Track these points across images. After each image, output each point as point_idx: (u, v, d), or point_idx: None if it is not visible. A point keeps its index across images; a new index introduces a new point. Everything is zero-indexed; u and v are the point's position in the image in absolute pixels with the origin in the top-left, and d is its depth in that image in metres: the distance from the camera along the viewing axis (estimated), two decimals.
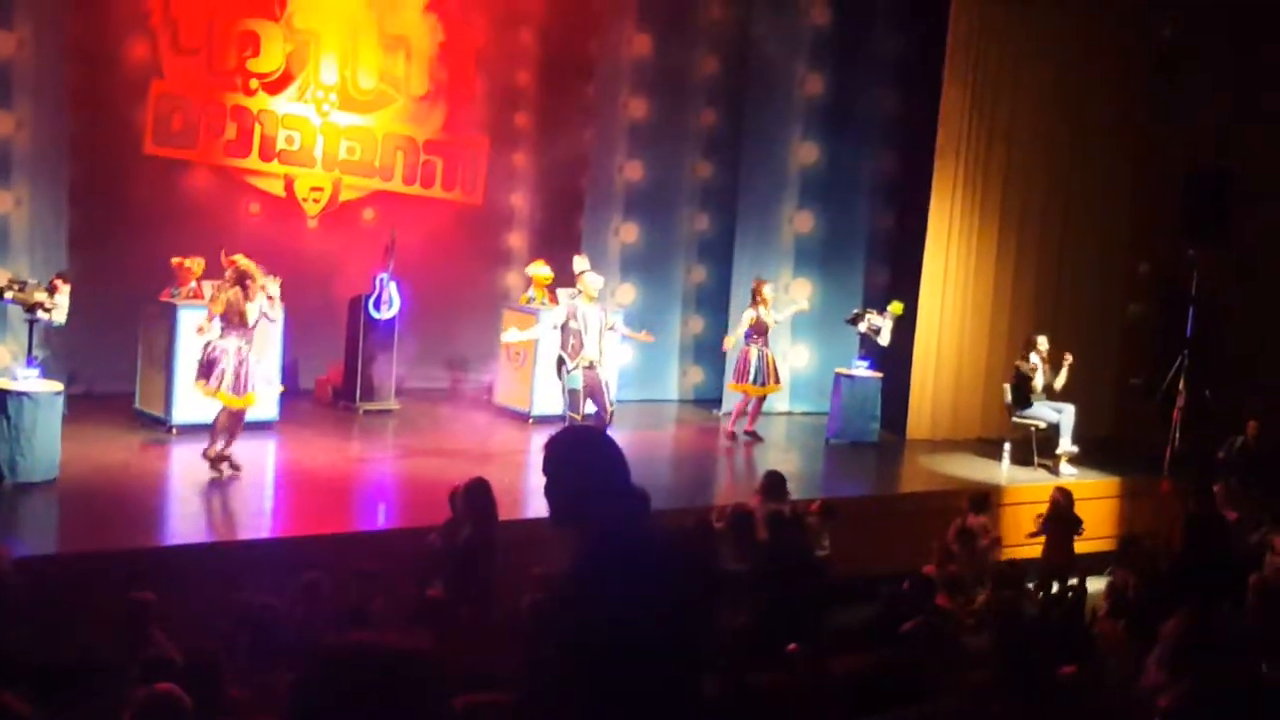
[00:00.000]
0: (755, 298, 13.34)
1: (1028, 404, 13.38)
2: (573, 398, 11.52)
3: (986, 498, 10.89)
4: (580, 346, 11.54)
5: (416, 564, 8.17)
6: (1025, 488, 12.45)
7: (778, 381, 13.68)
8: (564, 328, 11.62)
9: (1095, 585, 10.08)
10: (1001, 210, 14.63)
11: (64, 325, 10.57)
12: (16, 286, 10.19)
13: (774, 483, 9.61)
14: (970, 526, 9.89)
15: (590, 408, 11.56)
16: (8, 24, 11.58)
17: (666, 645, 3.60)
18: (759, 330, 13.33)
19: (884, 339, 13.65)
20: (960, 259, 14.47)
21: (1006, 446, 13.58)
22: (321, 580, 7.32)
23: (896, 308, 13.69)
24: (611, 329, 12.16)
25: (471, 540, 7.98)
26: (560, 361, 11.69)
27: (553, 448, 3.87)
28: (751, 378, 13.35)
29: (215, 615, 6.98)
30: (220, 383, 10.32)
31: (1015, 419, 13.52)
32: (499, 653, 6.18)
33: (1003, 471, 13.22)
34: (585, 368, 11.54)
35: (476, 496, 8.13)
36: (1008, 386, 13.62)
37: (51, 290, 10.17)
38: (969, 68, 14.23)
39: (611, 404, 11.90)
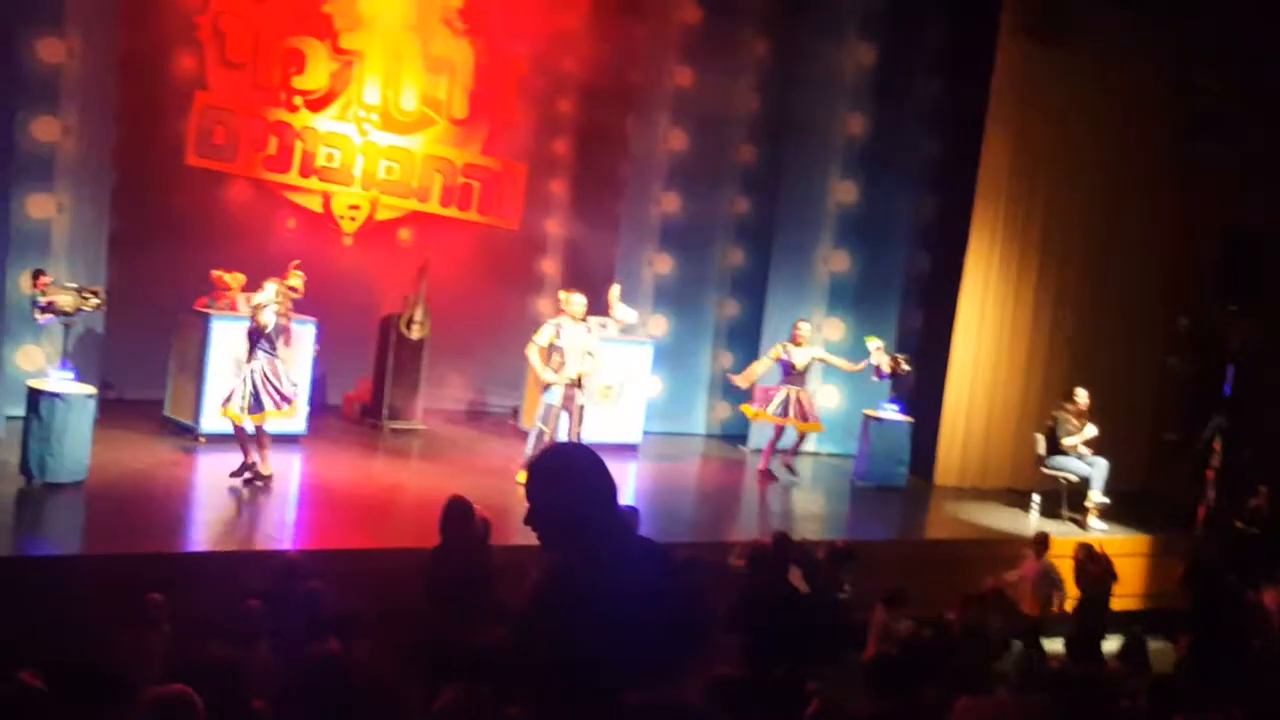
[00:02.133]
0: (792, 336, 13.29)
1: (1059, 455, 13.27)
2: (547, 411, 11.63)
3: (1046, 539, 10.75)
4: (562, 364, 11.62)
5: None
6: (1053, 541, 12.31)
7: (818, 422, 13.53)
8: (550, 345, 11.70)
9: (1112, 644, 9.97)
10: (1039, 258, 14.57)
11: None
12: (90, 294, 10.29)
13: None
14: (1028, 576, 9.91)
15: (562, 426, 11.70)
16: (59, 33, 11.68)
17: (633, 676, 3.48)
18: (787, 369, 13.24)
19: (870, 373, 13.53)
20: (996, 305, 14.41)
21: (1036, 498, 13.46)
22: (323, 592, 7.29)
23: (870, 340, 13.60)
24: (604, 326, 12.24)
25: (456, 566, 7.75)
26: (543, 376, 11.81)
27: (534, 470, 3.73)
28: (771, 408, 13.25)
29: (232, 622, 6.97)
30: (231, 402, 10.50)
31: (1046, 470, 13.41)
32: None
33: (1031, 523, 13.07)
34: (565, 385, 11.62)
35: (455, 517, 7.97)
36: (1039, 436, 13.52)
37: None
38: (1011, 115, 14.20)
39: (579, 428, 11.86)
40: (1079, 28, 14.10)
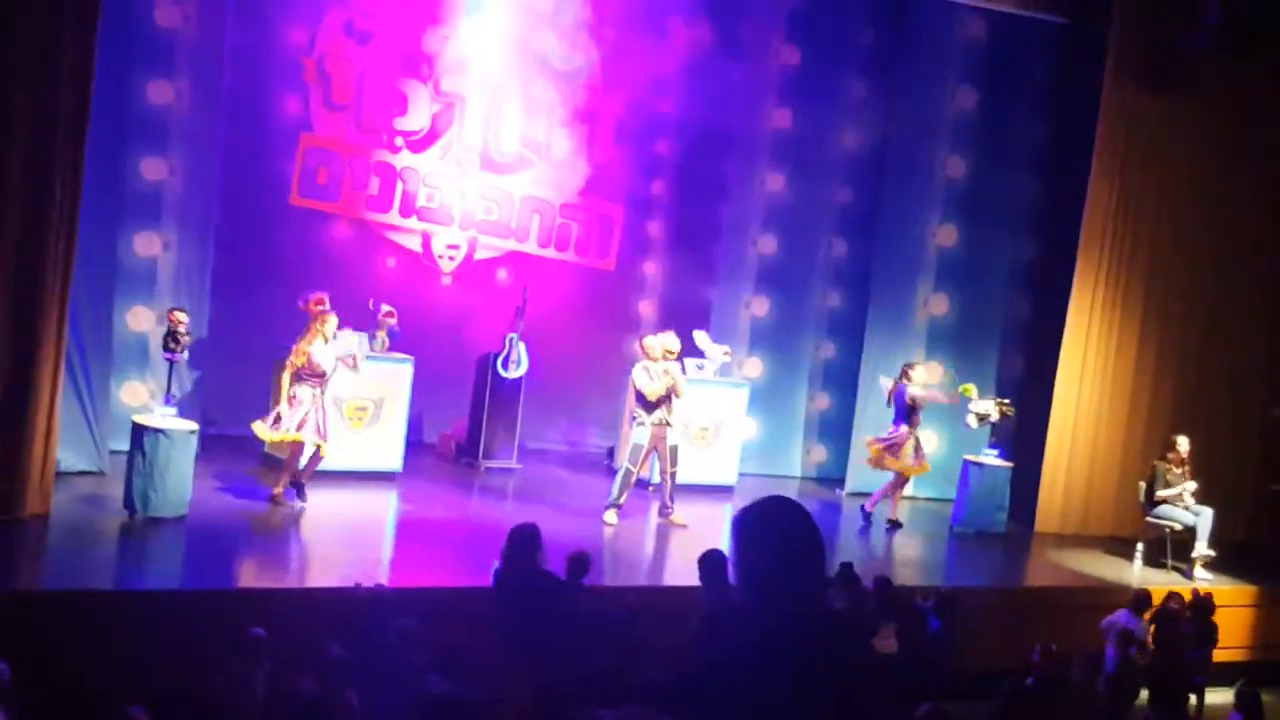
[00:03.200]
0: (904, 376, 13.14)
1: (1163, 504, 12.97)
2: (634, 452, 11.82)
3: (1148, 598, 10.50)
4: (652, 405, 11.74)
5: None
6: (1156, 591, 12.01)
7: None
8: (638, 386, 11.83)
9: (1222, 697, 9.70)
10: (1144, 304, 14.29)
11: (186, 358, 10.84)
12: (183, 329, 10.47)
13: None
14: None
15: (653, 468, 11.93)
16: (168, 75, 11.93)
17: None
18: (908, 411, 13.09)
19: (972, 421, 13.34)
20: (1099, 351, 14.15)
21: (1139, 547, 13.18)
22: (415, 629, 7.29)
23: (965, 389, 13.44)
24: (700, 368, 12.24)
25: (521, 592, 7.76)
26: (631, 416, 11.98)
27: (744, 519, 3.71)
28: (906, 458, 13.12)
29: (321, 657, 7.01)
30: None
31: (1149, 519, 13.11)
32: None
33: (1134, 573, 12.81)
34: (654, 425, 11.75)
35: (519, 542, 7.96)
36: (1143, 484, 13.24)
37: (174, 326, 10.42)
38: (1116, 159, 13.98)
39: (673, 468, 12.01)
40: (1190, 76, 13.85)
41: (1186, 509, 12.90)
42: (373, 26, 13.49)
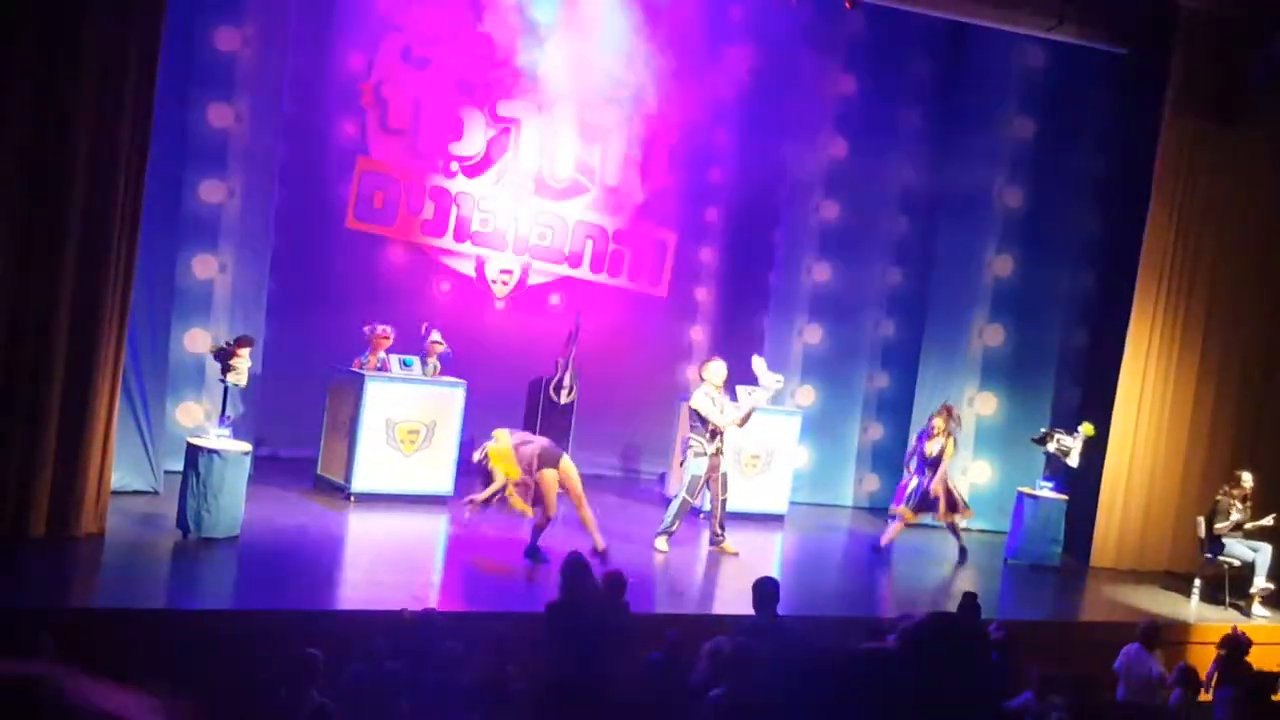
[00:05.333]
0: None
1: (1222, 539, 12.77)
2: (692, 483, 11.78)
3: (1157, 632, 10.30)
4: (713, 433, 11.72)
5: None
6: (1213, 627, 11.81)
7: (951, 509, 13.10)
8: (693, 414, 11.79)
9: None
10: (1203, 335, 14.10)
11: (243, 388, 10.84)
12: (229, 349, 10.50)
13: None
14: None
15: (704, 496, 11.91)
16: (228, 98, 12.05)
17: None
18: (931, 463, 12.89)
19: (1073, 460, 13.18)
20: (1157, 384, 13.97)
21: (1197, 583, 12.99)
22: (460, 654, 7.27)
23: (1088, 429, 13.24)
24: (751, 394, 12.23)
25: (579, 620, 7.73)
26: (686, 445, 11.93)
27: None
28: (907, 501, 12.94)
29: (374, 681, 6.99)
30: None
31: (1208, 554, 12.91)
32: None
33: (1191, 609, 12.62)
34: (712, 455, 11.73)
35: (572, 571, 7.93)
36: (1201, 519, 13.04)
37: (229, 354, 10.40)
38: (1176, 190, 13.83)
39: (724, 495, 11.95)
40: (1254, 108, 13.70)
41: (1245, 544, 12.71)
42: (430, 52, 13.59)
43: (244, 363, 10.42)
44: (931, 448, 12.82)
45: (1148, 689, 9.36)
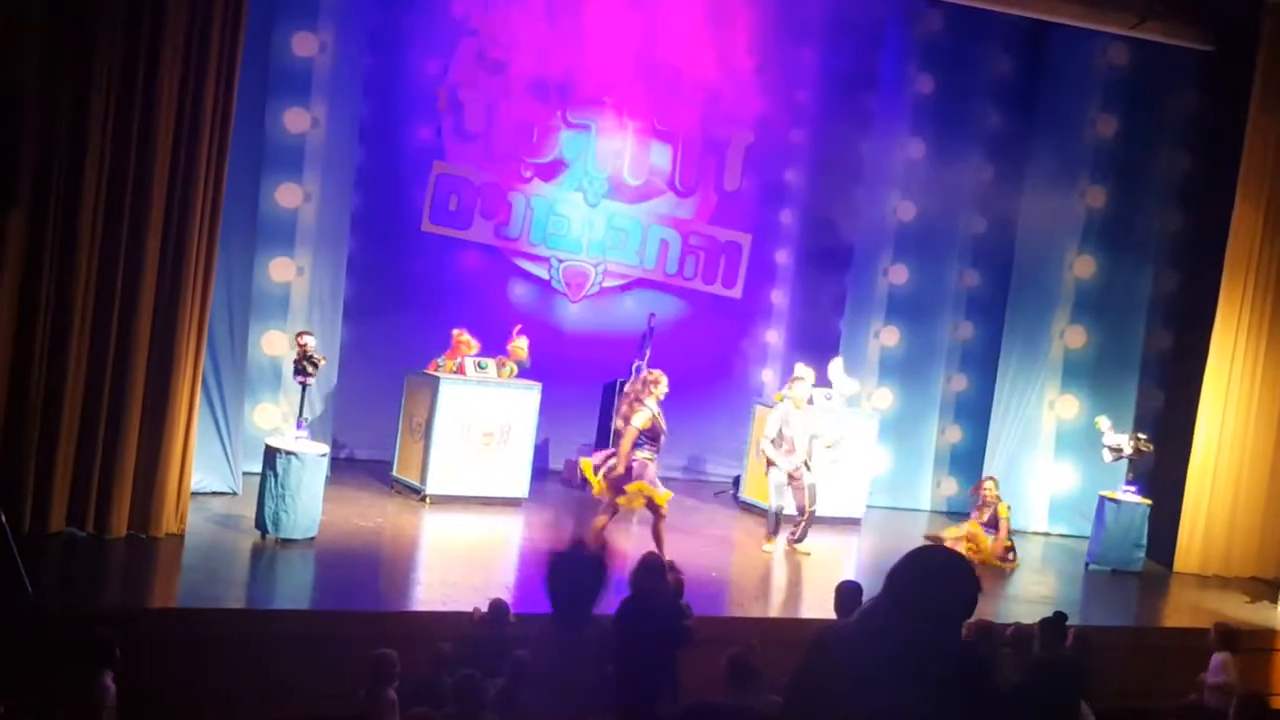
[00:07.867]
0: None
1: None
2: (779, 490, 12.02)
3: (1236, 636, 10.06)
4: (791, 451, 12.00)
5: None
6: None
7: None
8: (779, 434, 12.04)
9: None
10: None
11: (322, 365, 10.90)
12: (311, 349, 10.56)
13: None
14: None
15: (789, 506, 12.07)
16: (305, 103, 12.15)
17: None
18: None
19: (1107, 456, 13.01)
20: (1244, 386, 13.68)
21: None
22: (528, 658, 7.23)
23: (1099, 423, 13.17)
24: (829, 398, 12.40)
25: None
26: (769, 461, 12.08)
27: (910, 564, 3.78)
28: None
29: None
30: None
31: None
32: None
33: (1278, 615, 12.34)
34: (790, 470, 12.00)
35: (644, 574, 7.84)
36: None
37: (312, 361, 10.48)
38: (1262, 188, 13.55)
39: (812, 506, 12.09)
40: None
41: None
42: (505, 56, 13.60)
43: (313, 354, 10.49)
44: (984, 514, 12.85)
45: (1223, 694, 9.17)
